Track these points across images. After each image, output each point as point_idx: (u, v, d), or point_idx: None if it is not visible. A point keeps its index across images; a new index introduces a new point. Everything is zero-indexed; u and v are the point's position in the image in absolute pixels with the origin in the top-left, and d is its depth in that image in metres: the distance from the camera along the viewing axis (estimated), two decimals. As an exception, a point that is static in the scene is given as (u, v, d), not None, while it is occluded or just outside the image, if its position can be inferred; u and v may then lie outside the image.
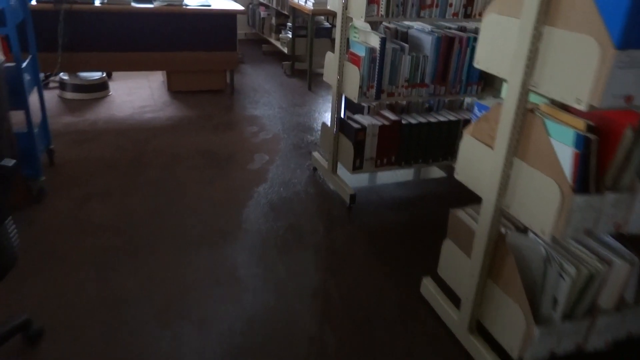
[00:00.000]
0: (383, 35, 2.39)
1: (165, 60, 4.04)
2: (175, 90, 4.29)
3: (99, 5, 3.70)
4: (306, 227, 2.49)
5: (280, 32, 5.48)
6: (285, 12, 5.16)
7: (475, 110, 1.66)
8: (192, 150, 3.23)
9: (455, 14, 2.46)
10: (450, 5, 2.43)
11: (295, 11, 4.90)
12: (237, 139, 3.45)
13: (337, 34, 2.55)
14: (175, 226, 2.41)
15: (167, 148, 3.24)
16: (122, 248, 2.23)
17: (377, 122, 2.61)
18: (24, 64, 2.41)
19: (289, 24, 5.27)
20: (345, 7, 2.47)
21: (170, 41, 3.99)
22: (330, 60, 2.68)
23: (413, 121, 2.66)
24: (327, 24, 5.21)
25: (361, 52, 2.42)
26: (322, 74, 5.15)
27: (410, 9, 2.36)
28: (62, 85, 4.01)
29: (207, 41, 4.08)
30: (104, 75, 4.14)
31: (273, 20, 5.67)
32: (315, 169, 3.08)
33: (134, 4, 3.79)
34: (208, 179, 2.89)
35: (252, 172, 3.01)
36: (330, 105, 4.27)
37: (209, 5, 4.00)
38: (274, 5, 5.43)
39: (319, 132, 3.64)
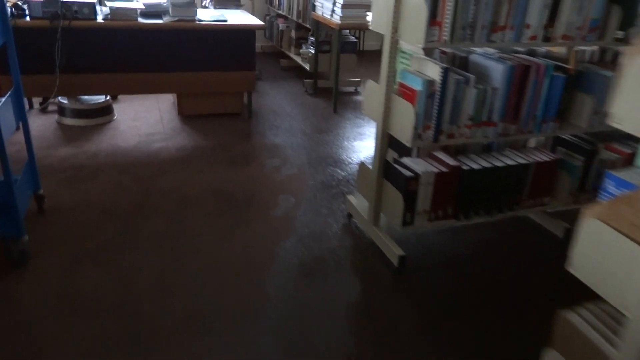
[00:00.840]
0: (445, 65, 1.92)
1: (176, 81, 3.60)
2: (186, 114, 3.85)
3: (102, 21, 3.27)
4: (343, 294, 2.01)
5: (301, 47, 5.03)
6: (307, 26, 4.71)
7: (609, 184, 1.18)
8: (205, 191, 2.77)
9: (534, 37, 1.98)
10: (528, 26, 1.95)
11: (319, 24, 4.45)
12: (257, 176, 2.99)
13: (384, 61, 2.09)
14: (186, 300, 1.95)
15: (176, 188, 2.79)
16: (118, 337, 1.77)
17: (432, 167, 2.14)
18: (3, 100, 1.98)
19: (311, 38, 4.82)
20: (395, 29, 2.00)
21: (181, 60, 3.55)
22: (373, 91, 2.22)
23: (475, 166, 2.18)
24: (352, 38, 4.75)
25: (417, 86, 1.95)
26: (348, 93, 4.68)
27: (480, 33, 1.89)
28: (61, 110, 3.59)
29: (222, 60, 3.64)
30: (108, 98, 3.72)
31: (293, 34, 5.23)
32: (350, 216, 2.61)
33: (141, 20, 3.37)
34: (224, 230, 2.43)
35: (276, 220, 2.54)
36: (360, 130, 3.80)
37: (225, 20, 3.56)
38: (294, 18, 4.99)
39: (351, 167, 3.16)
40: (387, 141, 2.21)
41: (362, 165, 2.45)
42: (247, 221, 2.51)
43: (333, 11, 3.97)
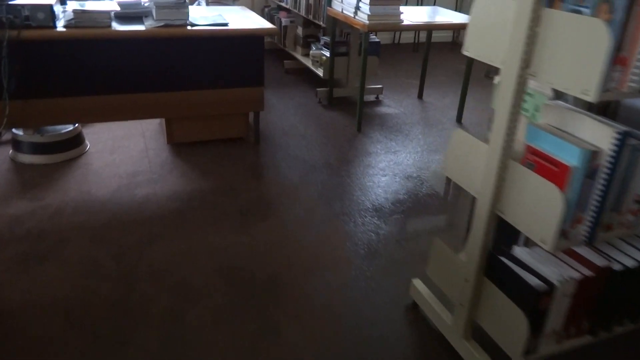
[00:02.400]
0: (621, 127, 1.17)
1: (164, 104, 2.81)
2: (178, 141, 3.06)
3: (64, 29, 2.46)
4: None
5: (310, 47, 4.24)
6: (320, 23, 3.91)
7: None
8: (211, 270, 2.02)
9: None
10: None
11: (337, 22, 3.66)
12: (278, 238, 2.24)
13: (500, 109, 1.34)
14: None
15: (171, 267, 2.03)
16: None
17: (567, 269, 1.40)
18: None
19: (324, 38, 4.02)
20: (527, 62, 1.24)
21: (170, 77, 2.75)
22: (465, 148, 1.47)
23: (629, 262, 1.45)
24: (374, 37, 3.97)
25: (569, 157, 1.20)
26: (369, 104, 3.90)
27: (679, 71, 1.15)
28: (16, 144, 2.78)
29: (222, 75, 2.85)
30: (77, 125, 2.91)
31: (299, 31, 4.42)
32: (416, 305, 1.88)
33: (116, 26, 2.56)
34: (244, 342, 1.68)
35: (314, 317, 1.80)
36: (396, 159, 3.04)
37: (226, 24, 2.76)
38: (302, 13, 4.18)
39: (396, 218, 2.42)
40: (494, 226, 1.47)
41: (438, 244, 1.72)
42: (276, 324, 1.77)
43: (358, 8, 3.18)
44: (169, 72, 2.73)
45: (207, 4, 3.79)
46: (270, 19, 4.84)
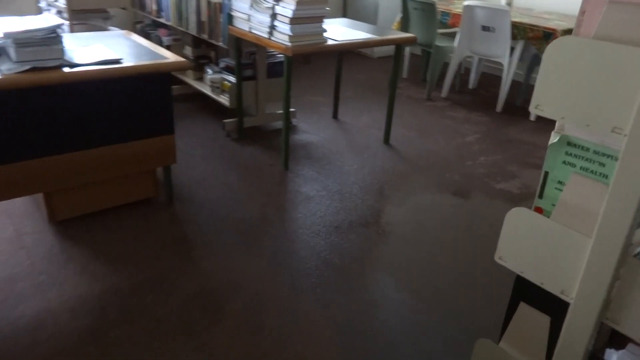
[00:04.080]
0: None
1: (38, 174, 2.04)
2: (63, 218, 2.29)
3: None
4: None
5: (205, 70, 3.61)
6: (218, 43, 3.31)
7: None
8: None
9: None
10: None
11: (240, 43, 3.10)
12: (246, 348, 1.68)
13: (622, 185, 0.97)
14: None
15: None
16: None
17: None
18: None
19: (225, 60, 3.44)
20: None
21: (44, 137, 2.00)
22: (541, 237, 1.10)
23: None
24: (279, 56, 3.48)
25: None
26: (279, 131, 3.40)
27: None
28: None
29: (119, 126, 2.16)
30: None
31: (188, 51, 3.76)
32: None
33: (-47, 76, 1.75)
34: None
35: None
36: (344, 205, 2.61)
37: (120, 62, 2.08)
38: (191, 31, 3.53)
39: (369, 297, 1.99)
40: (595, 334, 1.11)
41: (485, 344, 1.33)
42: None
43: (274, 28, 2.68)
44: (44, 130, 1.98)
45: (72, 28, 2.97)
46: (145, 37, 4.08)
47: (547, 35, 3.72)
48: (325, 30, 2.71)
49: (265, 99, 3.41)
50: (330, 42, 2.74)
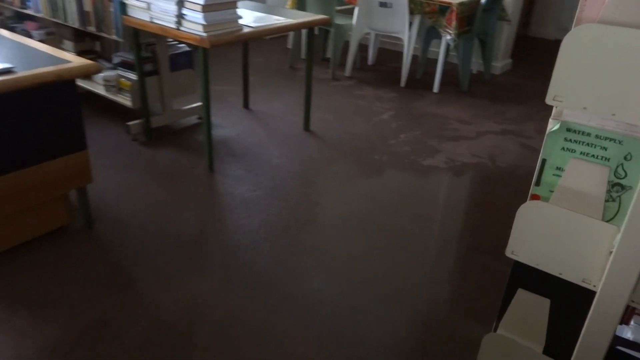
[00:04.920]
0: None
1: None
2: (-43, 265, 1.86)
3: None
4: None
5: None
6: (112, 37, 2.89)
7: None
8: None
9: None
10: None
11: (139, 34, 2.75)
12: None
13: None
14: None
15: None
16: None
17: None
18: None
19: (120, 55, 3.05)
20: None
21: None
22: (559, 226, 1.08)
23: None
24: (184, 47, 3.16)
25: None
26: (192, 128, 3.12)
27: None
28: None
29: (17, 148, 1.79)
30: None
31: (69, 46, 3.27)
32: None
33: None
34: None
35: None
36: (279, 199, 2.45)
37: (13, 71, 1.70)
38: (72, 23, 3.05)
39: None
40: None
41: (494, 338, 1.31)
42: None
43: (182, 17, 2.39)
44: None
45: None
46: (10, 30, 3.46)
47: (442, 9, 3.83)
48: (240, 17, 2.49)
49: (171, 94, 3.09)
50: (246, 30, 2.53)
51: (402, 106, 3.74)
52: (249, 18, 2.73)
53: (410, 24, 3.98)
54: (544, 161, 1.24)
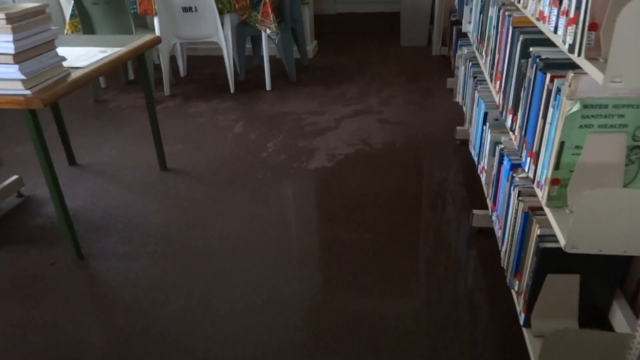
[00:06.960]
0: None
1: None
2: None
3: None
4: None
5: None
6: None
7: None
8: None
9: None
10: None
11: None
12: None
13: None
14: None
15: None
16: None
17: None
18: None
19: None
20: None
21: None
22: (620, 205, 1.04)
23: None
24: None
25: None
26: (20, 210, 2.39)
27: None
28: None
29: None
30: None
31: None
32: None
33: None
34: None
35: None
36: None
37: None
38: None
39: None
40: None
41: (560, 334, 1.25)
42: None
43: (-17, 75, 1.72)
44: None
45: None
46: None
47: (254, 4, 3.62)
48: (64, 58, 1.91)
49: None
50: (78, 73, 1.96)
51: (246, 114, 3.47)
52: (70, 57, 2.13)
53: (222, 24, 3.68)
54: (562, 144, 1.18)
